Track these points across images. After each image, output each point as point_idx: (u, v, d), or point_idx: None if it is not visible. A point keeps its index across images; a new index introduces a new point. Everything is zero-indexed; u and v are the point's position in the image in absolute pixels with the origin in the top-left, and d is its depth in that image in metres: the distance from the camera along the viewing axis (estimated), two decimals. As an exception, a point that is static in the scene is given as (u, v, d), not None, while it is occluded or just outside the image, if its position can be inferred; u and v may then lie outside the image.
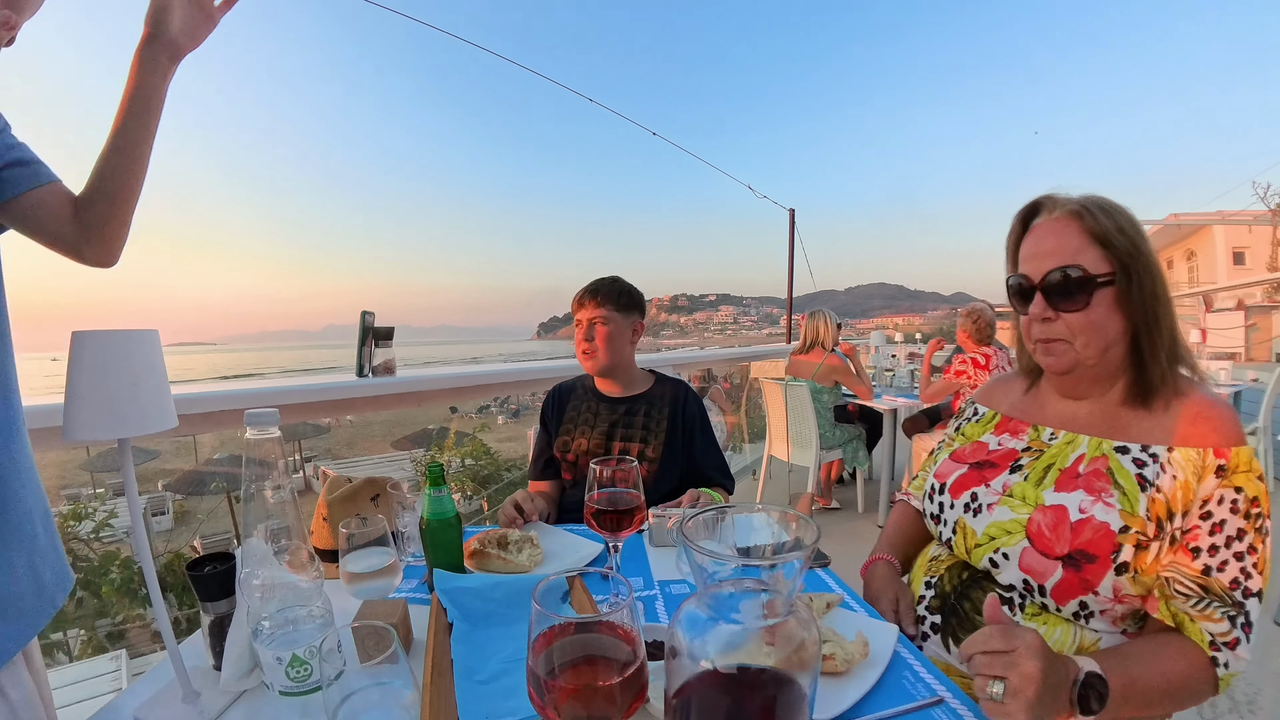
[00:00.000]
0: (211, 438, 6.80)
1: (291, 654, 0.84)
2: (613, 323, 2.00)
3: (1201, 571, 0.97)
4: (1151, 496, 1.00)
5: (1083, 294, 1.06)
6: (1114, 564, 0.99)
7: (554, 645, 0.57)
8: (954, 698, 0.89)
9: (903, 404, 4.69)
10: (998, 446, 1.25)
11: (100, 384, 0.82)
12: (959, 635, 1.14)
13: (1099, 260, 1.06)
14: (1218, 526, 0.97)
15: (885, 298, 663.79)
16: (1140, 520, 0.99)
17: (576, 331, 2.05)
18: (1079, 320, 1.08)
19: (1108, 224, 1.05)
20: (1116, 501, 1.02)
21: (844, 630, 1.02)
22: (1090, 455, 1.10)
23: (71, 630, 4.55)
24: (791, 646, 0.52)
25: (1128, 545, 0.99)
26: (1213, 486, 0.98)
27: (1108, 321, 1.07)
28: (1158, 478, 1.01)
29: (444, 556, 1.19)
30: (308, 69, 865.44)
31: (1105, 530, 1.00)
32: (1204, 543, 0.98)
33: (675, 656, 0.55)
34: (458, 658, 0.94)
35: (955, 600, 1.16)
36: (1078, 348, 1.10)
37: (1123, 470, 1.04)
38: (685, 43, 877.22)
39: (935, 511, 1.27)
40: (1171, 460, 1.01)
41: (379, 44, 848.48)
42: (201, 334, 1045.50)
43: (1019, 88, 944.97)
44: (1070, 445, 1.14)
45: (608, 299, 2.01)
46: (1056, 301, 1.09)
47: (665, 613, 1.17)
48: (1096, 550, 1.00)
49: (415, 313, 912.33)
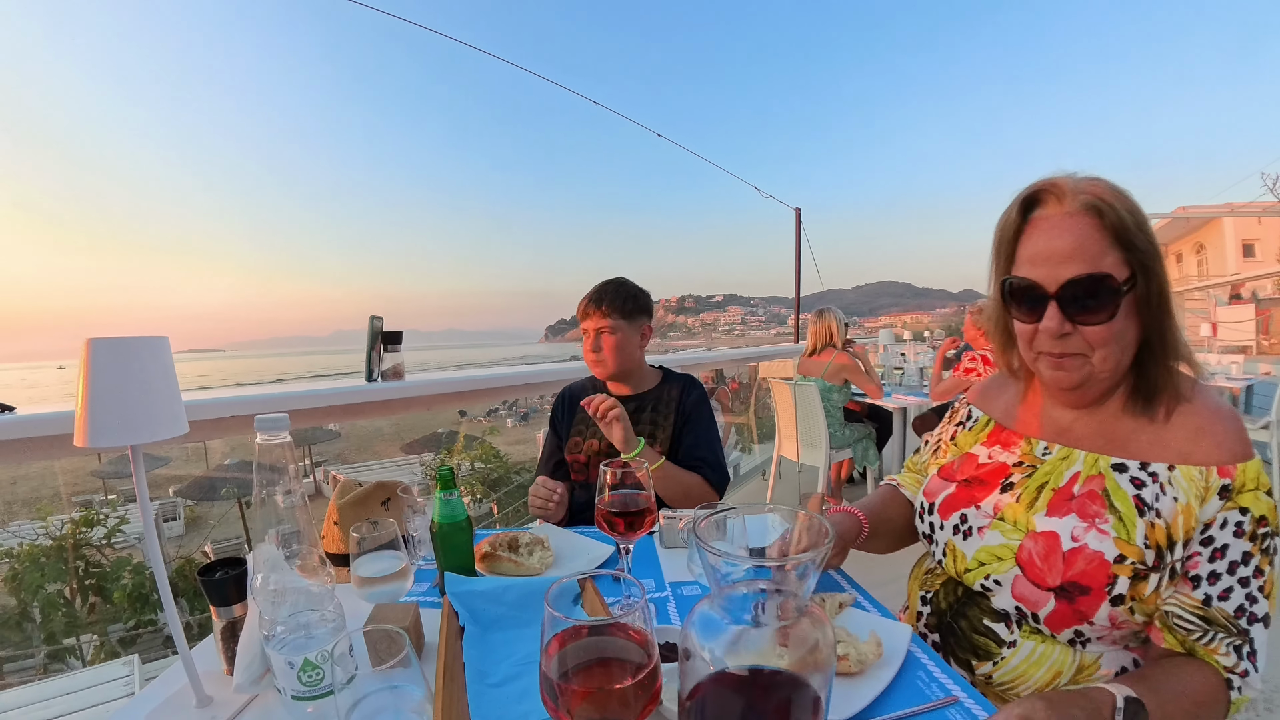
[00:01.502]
0: (222, 443, 6.82)
1: (304, 658, 0.84)
2: (619, 331, 1.97)
3: (1202, 602, 0.91)
4: (1150, 522, 0.94)
5: (1109, 305, 0.94)
6: (1109, 595, 0.94)
7: (567, 648, 0.57)
8: (969, 698, 0.89)
9: (913, 402, 4.68)
10: (987, 460, 1.18)
11: (113, 391, 0.82)
12: (958, 654, 1.11)
13: (1120, 264, 0.94)
14: (1219, 553, 0.91)
15: (893, 296, 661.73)
16: (1137, 549, 0.93)
17: (584, 340, 2.03)
18: (1100, 334, 0.96)
19: (1128, 219, 0.93)
20: (1112, 529, 0.95)
21: (857, 630, 1.02)
22: (1086, 474, 1.02)
23: (85, 636, 4.58)
24: (806, 648, 0.52)
25: (1123, 576, 0.93)
26: (1215, 509, 0.92)
27: (1126, 330, 0.97)
28: (1157, 500, 0.94)
29: (455, 560, 1.19)
30: (316, 73, 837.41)
31: (1099, 560, 0.94)
32: (1204, 570, 0.92)
33: (689, 658, 0.55)
34: (470, 661, 0.94)
35: (951, 619, 1.13)
36: (1095, 362, 0.99)
37: (1119, 491, 0.98)
38: (690, 43, 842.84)
39: (926, 531, 1.22)
40: (1173, 480, 0.95)
41: (387, 50, 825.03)
42: (211, 340, 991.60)
43: (1025, 80, 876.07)
44: (1065, 462, 1.06)
45: (613, 308, 1.97)
46: (1076, 314, 0.96)
47: (677, 614, 1.17)
48: (1090, 582, 0.95)
49: (423, 317, 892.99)
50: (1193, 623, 0.92)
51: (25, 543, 4.96)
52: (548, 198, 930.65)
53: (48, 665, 4.12)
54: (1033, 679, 1.04)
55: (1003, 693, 1.07)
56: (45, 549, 4.90)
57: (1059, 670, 1.02)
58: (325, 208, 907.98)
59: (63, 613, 4.50)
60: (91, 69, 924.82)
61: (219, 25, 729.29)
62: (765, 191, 7.76)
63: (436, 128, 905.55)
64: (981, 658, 1.08)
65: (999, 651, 1.06)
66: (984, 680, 1.09)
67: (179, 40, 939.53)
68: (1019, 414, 1.20)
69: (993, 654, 1.06)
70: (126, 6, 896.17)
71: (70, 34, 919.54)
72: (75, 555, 4.93)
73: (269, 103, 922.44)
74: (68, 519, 5.20)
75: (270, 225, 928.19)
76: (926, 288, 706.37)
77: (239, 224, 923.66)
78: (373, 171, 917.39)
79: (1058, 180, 0.99)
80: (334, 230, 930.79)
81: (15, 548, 4.87)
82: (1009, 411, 1.23)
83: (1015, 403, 1.22)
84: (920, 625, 1.20)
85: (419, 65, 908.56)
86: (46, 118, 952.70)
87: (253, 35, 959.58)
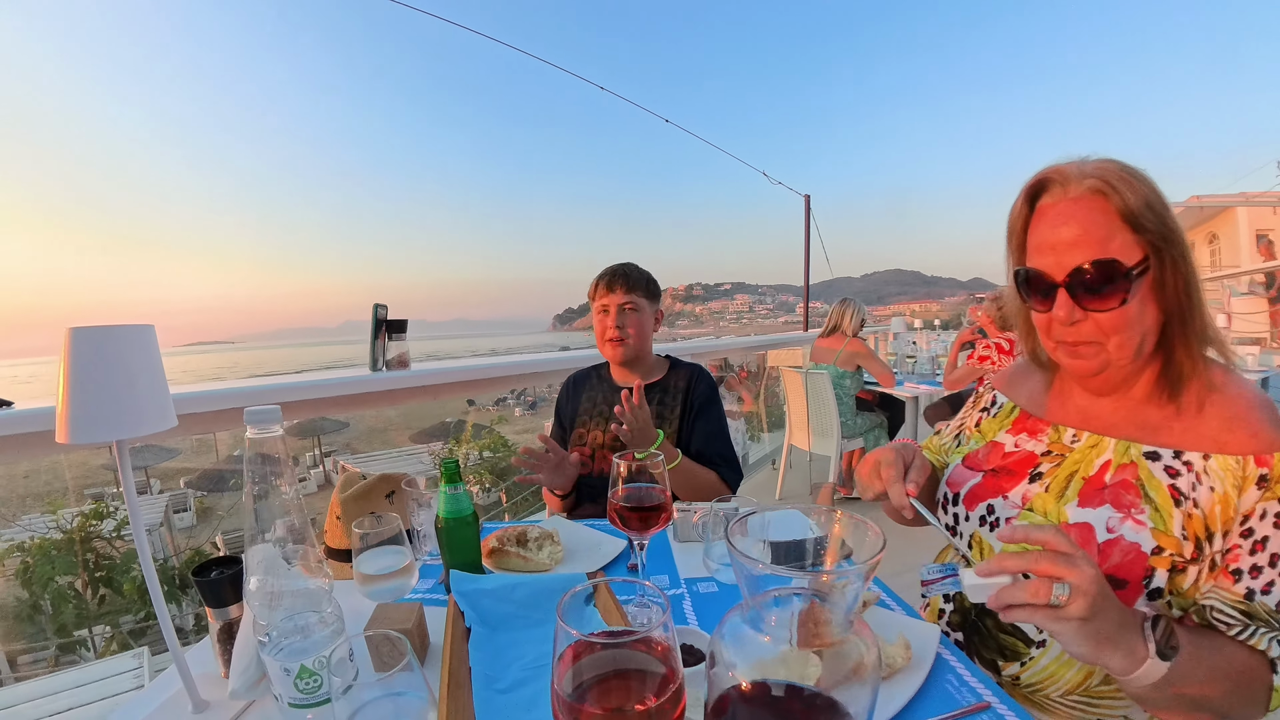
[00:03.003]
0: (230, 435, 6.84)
1: (300, 665, 0.80)
2: (642, 310, 1.95)
3: (1244, 596, 0.86)
4: (1188, 512, 0.90)
5: (1118, 290, 0.91)
6: (1146, 589, 0.90)
7: (582, 662, 0.51)
8: (1001, 703, 0.85)
9: (924, 391, 4.64)
10: (1014, 449, 1.14)
11: (95, 383, 0.78)
12: (983, 654, 1.07)
13: (1131, 246, 0.91)
14: (1260, 544, 0.86)
15: (902, 284, 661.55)
16: (1175, 540, 0.89)
17: (601, 319, 1.97)
18: (1113, 320, 0.93)
19: (1136, 200, 0.90)
20: (1148, 519, 0.91)
21: (883, 631, 0.97)
22: (1117, 462, 0.98)
23: (96, 627, 4.60)
24: (848, 667, 0.47)
25: (1161, 569, 0.89)
26: (1254, 500, 0.87)
27: (1143, 315, 0.94)
28: (1194, 489, 0.90)
29: (461, 555, 1.15)
30: (323, 66, 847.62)
31: (1136, 552, 0.91)
32: (1245, 564, 0.87)
33: (714, 667, 0.50)
34: (476, 665, 0.90)
35: (977, 617, 1.09)
36: (1110, 349, 0.96)
37: (1154, 481, 0.94)
38: (699, 30, 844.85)
39: (950, 524, 1.18)
40: (1208, 469, 0.90)
41: (393, 40, 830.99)
42: (218, 333, 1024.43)
43: (1037, 67, 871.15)
44: (1095, 450, 1.02)
45: (636, 285, 1.94)
46: (1086, 300, 0.94)
47: (693, 612, 1.12)
48: (1126, 575, 0.91)
49: (430, 306, 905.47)
50: (1234, 617, 0.86)
51: (36, 536, 5.00)
52: (555, 185, 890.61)
53: (59, 657, 4.15)
54: (1063, 680, 1.00)
55: (1030, 694, 1.04)
56: (56, 542, 4.93)
57: (1090, 670, 0.98)
58: (332, 198, 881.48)
59: (73, 605, 4.53)
60: (96, 64, 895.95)
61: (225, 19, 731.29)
62: (774, 178, 7.69)
63: (445, 118, 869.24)
64: (1009, 658, 1.04)
65: (1027, 651, 1.02)
66: (1011, 681, 1.05)
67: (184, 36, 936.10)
68: (1045, 401, 1.17)
69: (1021, 654, 1.03)
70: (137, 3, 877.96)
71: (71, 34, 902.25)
72: (85, 548, 4.96)
73: (275, 95, 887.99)
74: (78, 512, 5.23)
75: (277, 217, 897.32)
76: (936, 276, 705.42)
77: (246, 216, 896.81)
78: (380, 162, 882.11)
79: (1062, 167, 0.97)
80: (341, 220, 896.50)
81: (26, 541, 4.90)
82: (1035, 399, 1.19)
83: (1041, 390, 1.19)
84: (943, 623, 1.16)
85: (428, 58, 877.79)
86: (50, 115, 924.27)
87: (259, 28, 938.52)
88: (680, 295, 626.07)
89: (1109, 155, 0.97)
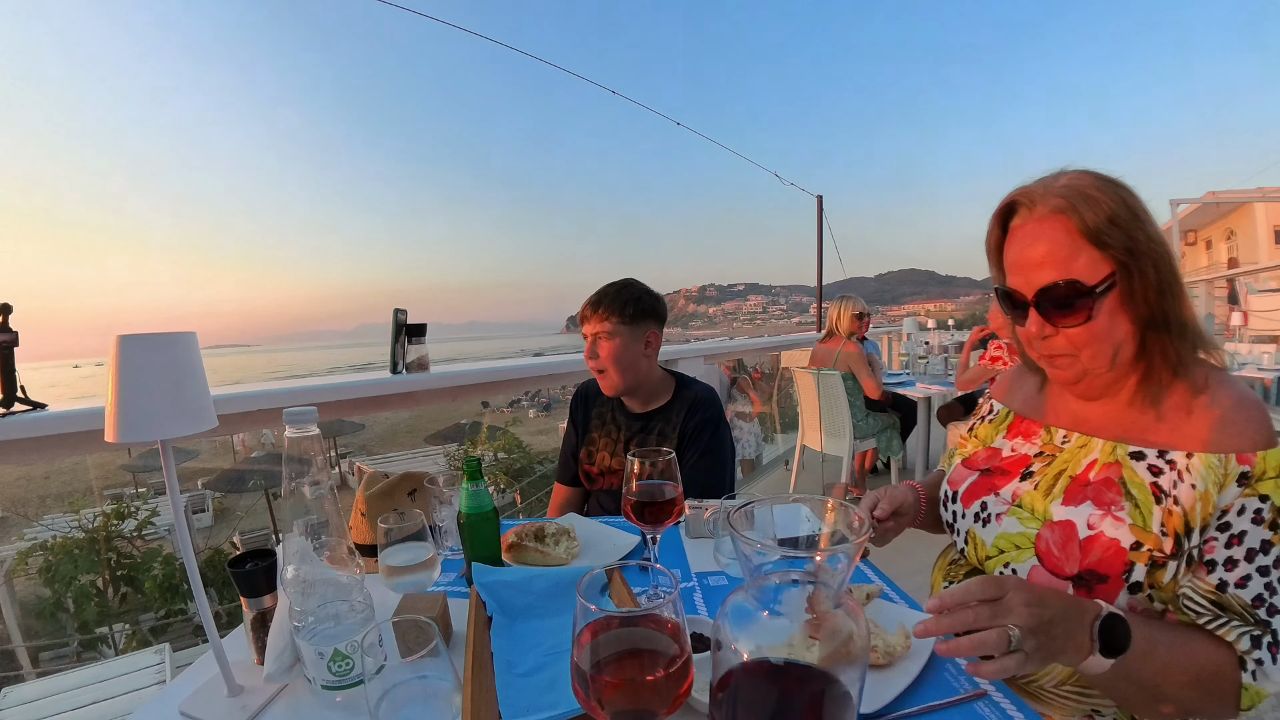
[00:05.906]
0: (248, 436, 6.91)
1: (334, 649, 0.85)
2: (619, 336, 1.83)
3: (1216, 587, 0.89)
4: (1168, 509, 0.92)
5: (1082, 308, 0.95)
6: (1126, 583, 0.93)
7: (600, 639, 0.56)
8: (997, 690, 0.88)
9: (937, 391, 4.63)
10: (1010, 452, 1.18)
11: (144, 387, 0.83)
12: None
13: (1096, 264, 0.94)
14: (1236, 539, 0.89)
15: (915, 284, 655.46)
16: (1154, 536, 0.92)
17: (586, 348, 1.90)
18: (1081, 334, 0.97)
19: (1098, 218, 0.92)
20: (1127, 515, 0.94)
21: (885, 622, 1.01)
22: (1103, 461, 1.02)
23: (117, 625, 4.69)
24: (839, 641, 0.51)
25: (1140, 564, 0.92)
26: (1234, 496, 0.89)
27: (1113, 327, 0.97)
28: (1175, 487, 0.93)
29: (482, 550, 1.19)
30: (329, 69, 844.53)
31: (1115, 547, 0.94)
32: (1220, 556, 0.89)
33: (720, 649, 0.54)
34: (497, 651, 0.94)
35: None
36: (1084, 360, 1.00)
37: (1136, 479, 0.96)
38: (709, 30, 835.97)
39: (949, 520, 1.22)
40: (1191, 467, 0.92)
41: (405, 44, 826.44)
42: (238, 336, 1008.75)
43: (1049, 65, 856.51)
44: (1083, 449, 1.06)
45: (612, 310, 1.84)
46: (1055, 317, 0.98)
47: (704, 604, 1.17)
48: (1107, 569, 0.94)
49: (444, 310, 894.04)
50: (1204, 607, 0.90)
51: (59, 535, 5.10)
52: (568, 189, 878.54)
53: (81, 654, 4.24)
54: (1054, 670, 1.02)
55: (1025, 684, 1.06)
56: (78, 541, 5.04)
57: None
58: (346, 202, 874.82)
59: (95, 602, 4.62)
60: (115, 66, 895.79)
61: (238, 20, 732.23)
62: (786, 179, 7.71)
63: (458, 123, 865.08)
64: None
65: None
66: None
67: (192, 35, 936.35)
68: (1039, 404, 1.21)
69: None
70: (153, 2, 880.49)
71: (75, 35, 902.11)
72: (107, 547, 5.06)
73: (291, 97, 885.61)
74: (99, 512, 5.33)
75: (292, 221, 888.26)
76: (950, 275, 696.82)
77: (262, 220, 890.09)
78: (394, 167, 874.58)
79: (1029, 188, 1.01)
80: (356, 224, 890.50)
81: (50, 540, 5.01)
82: (1029, 403, 1.23)
83: (1035, 394, 1.23)
84: None
85: (438, 62, 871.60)
86: (66, 120, 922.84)
87: (274, 30, 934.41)
88: (693, 296, 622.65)
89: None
